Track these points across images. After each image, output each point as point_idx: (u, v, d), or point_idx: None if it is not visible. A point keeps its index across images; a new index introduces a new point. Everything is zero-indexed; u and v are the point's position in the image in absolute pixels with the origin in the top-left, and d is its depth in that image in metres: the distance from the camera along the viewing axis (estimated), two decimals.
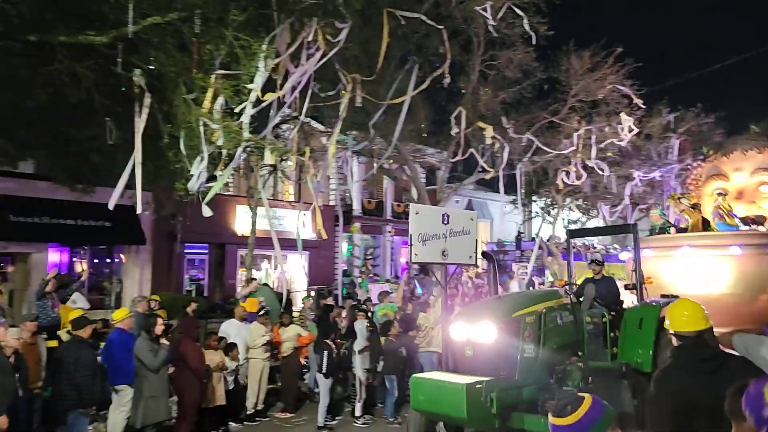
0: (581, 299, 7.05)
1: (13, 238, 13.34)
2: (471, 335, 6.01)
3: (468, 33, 14.41)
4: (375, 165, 13.19)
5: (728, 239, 8.48)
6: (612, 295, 7.62)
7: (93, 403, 6.65)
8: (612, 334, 6.98)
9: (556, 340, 6.29)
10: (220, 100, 9.05)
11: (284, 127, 11.88)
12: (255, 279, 12.39)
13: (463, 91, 14.81)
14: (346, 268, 17.86)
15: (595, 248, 20.93)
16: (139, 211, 9.46)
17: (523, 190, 15.53)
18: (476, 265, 9.14)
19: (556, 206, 19.79)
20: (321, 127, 13.10)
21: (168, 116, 9.51)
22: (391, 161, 15.28)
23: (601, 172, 15.20)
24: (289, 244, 12.90)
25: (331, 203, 17.34)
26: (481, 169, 14.98)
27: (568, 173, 15.05)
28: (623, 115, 14.63)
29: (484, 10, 12.15)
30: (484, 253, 8.95)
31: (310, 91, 9.51)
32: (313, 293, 13.43)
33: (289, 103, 9.48)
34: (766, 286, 8.36)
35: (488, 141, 13.39)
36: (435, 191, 17.16)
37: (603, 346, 6.96)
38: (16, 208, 13.20)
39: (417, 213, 7.15)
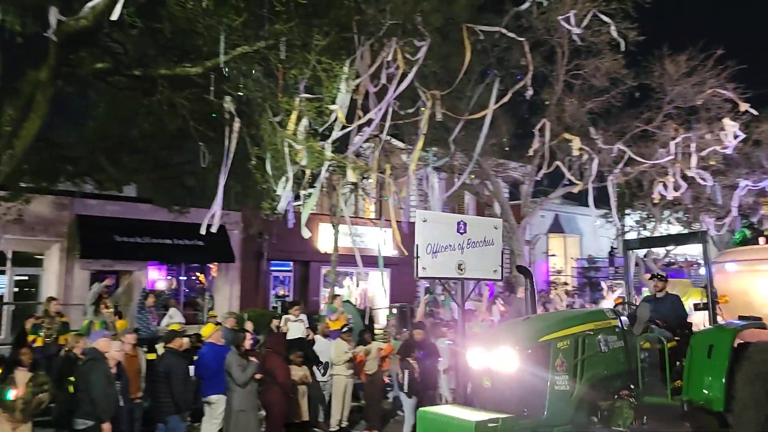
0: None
1: (117, 257, 14.43)
2: (490, 363, 5.22)
3: (551, 43, 14.01)
4: (456, 181, 13.03)
5: None
6: (676, 317, 6.41)
7: (188, 408, 7.03)
8: (674, 364, 5.82)
9: (600, 370, 5.38)
10: (304, 121, 9.36)
11: (365, 145, 12.05)
12: (339, 296, 12.55)
13: (546, 102, 14.38)
14: (428, 285, 17.73)
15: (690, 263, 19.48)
16: (214, 229, 9.86)
17: (615, 203, 14.68)
18: (501, 280, 8.00)
19: (653, 220, 18.63)
20: (401, 145, 13.19)
21: (255, 139, 9.95)
22: (473, 176, 15.05)
23: (703, 182, 14.10)
24: (370, 261, 13.01)
25: (413, 220, 17.31)
26: (568, 182, 14.40)
27: (665, 185, 14.07)
28: (726, 121, 13.53)
29: (567, 20, 11.78)
30: (519, 268, 8.33)
31: (390, 110, 9.59)
32: (395, 311, 13.41)
33: (372, 126, 9.60)
34: None
35: (575, 153, 12.86)
36: (519, 206, 16.71)
37: (661, 379, 5.78)
38: (121, 229, 14.29)
39: (425, 221, 6.45)
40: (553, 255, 24.64)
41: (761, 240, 7.56)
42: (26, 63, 9.48)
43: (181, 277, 16.59)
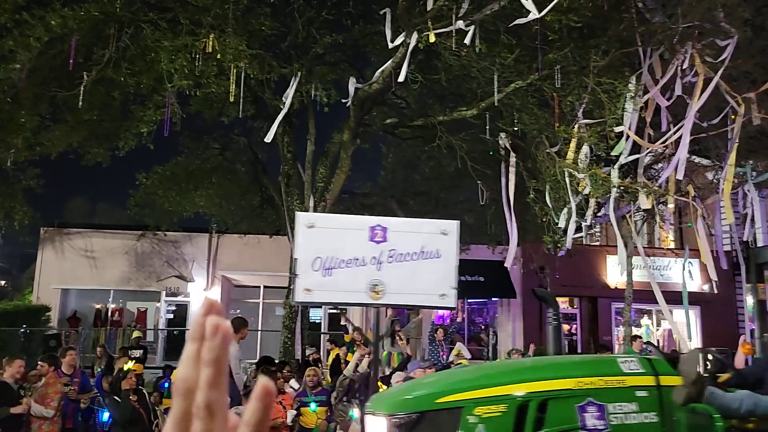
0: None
1: None
2: None
3: None
4: None
5: None
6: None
7: None
8: None
9: None
10: (585, 148, 8.75)
11: (658, 166, 10.69)
12: (639, 337, 11.19)
13: None
14: (754, 327, 14.57)
15: None
16: (508, 264, 9.75)
17: None
18: (452, 309, 5.44)
19: None
20: (705, 161, 11.32)
21: (532, 172, 9.71)
22: None
23: None
24: (673, 298, 11.29)
25: (726, 248, 14.62)
26: None
27: None
28: None
29: None
30: (536, 292, 6.14)
31: (689, 125, 8.30)
32: (710, 356, 11.28)
33: (667, 142, 8.46)
34: None
35: None
36: None
37: None
38: None
39: (311, 226, 4.54)
40: None
41: None
42: (332, 128, 11.23)
43: (466, 313, 17.13)
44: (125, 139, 10.09)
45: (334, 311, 16.43)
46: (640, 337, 11.15)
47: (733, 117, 8.81)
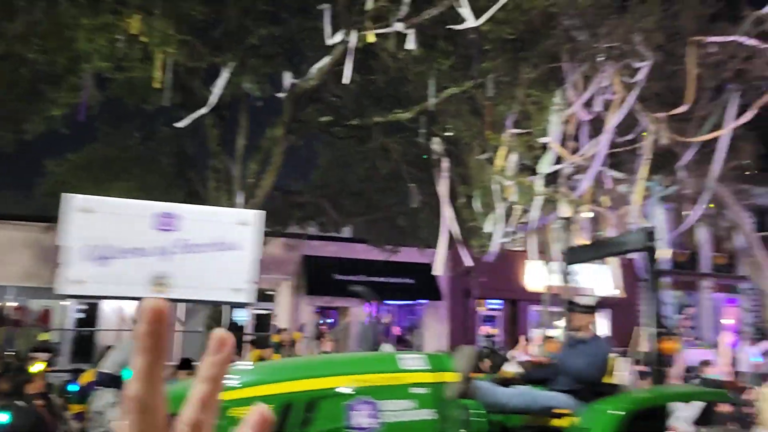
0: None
1: (337, 294, 15.62)
2: None
3: None
4: (691, 213, 11.46)
5: None
6: (586, 374, 3.84)
7: None
8: None
9: None
10: (513, 157, 9.15)
11: (577, 177, 11.33)
12: (552, 338, 11.76)
13: None
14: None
15: None
16: (439, 272, 9.97)
17: None
18: (249, 305, 4.87)
19: None
20: (619, 175, 12.14)
21: (463, 178, 10.01)
22: (713, 205, 13.14)
23: None
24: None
25: (631, 257, 15.74)
26: None
27: None
28: None
29: None
30: (355, 291, 5.99)
31: (607, 139, 8.86)
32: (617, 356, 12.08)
33: (585, 155, 8.98)
34: None
35: None
36: None
37: None
38: (340, 268, 15.48)
39: (88, 211, 3.99)
40: None
41: None
42: (264, 122, 11.01)
43: (393, 314, 17.30)
44: (33, 122, 9.35)
45: (262, 311, 16.11)
46: (554, 338, 11.73)
47: (644, 135, 9.51)
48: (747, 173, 13.67)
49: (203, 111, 8.69)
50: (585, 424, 3.30)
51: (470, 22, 7.32)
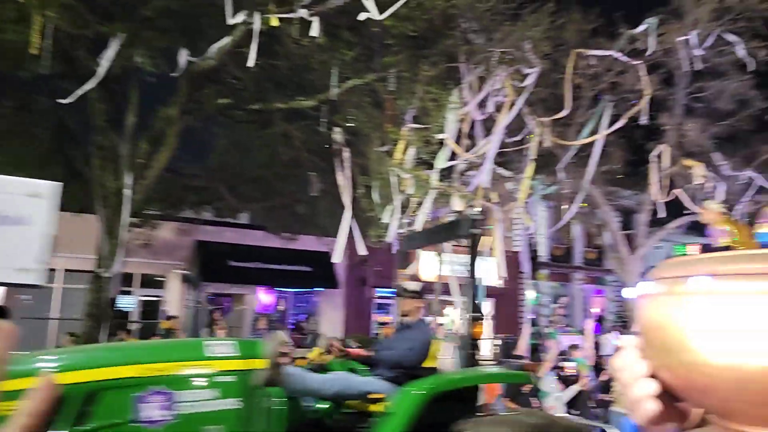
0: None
1: (232, 281, 15.26)
2: None
3: (670, 66, 13.22)
4: (568, 211, 12.52)
5: None
6: (404, 359, 3.90)
7: None
8: None
9: None
10: (411, 151, 9.47)
11: (470, 173, 11.94)
12: (441, 325, 12.37)
13: (665, 127, 13.51)
14: (534, 317, 17.06)
15: None
16: (338, 260, 10.10)
17: None
18: (36, 287, 3.27)
19: None
20: (507, 173, 12.95)
21: (363, 168, 10.20)
22: (586, 205, 14.42)
23: None
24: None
25: (516, 249, 16.89)
26: (689, 212, 13.31)
27: None
28: None
29: (687, 41, 11.08)
30: (186, 277, 6.01)
31: (499, 138, 9.44)
32: (499, 342, 12.97)
33: (478, 153, 9.51)
34: None
35: (698, 180, 11.90)
36: (632, 236, 15.69)
37: None
38: (235, 255, 15.12)
39: None
40: None
41: (691, 249, 4.58)
42: (158, 100, 10.45)
43: (288, 302, 17.22)
44: None
45: (150, 298, 15.32)
46: (443, 326, 12.36)
47: (530, 137, 10.25)
48: (617, 177, 15.17)
49: (91, 85, 8.09)
50: (391, 408, 3.35)
51: (374, 15, 7.46)
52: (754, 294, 0.50)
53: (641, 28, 10.89)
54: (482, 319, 4.52)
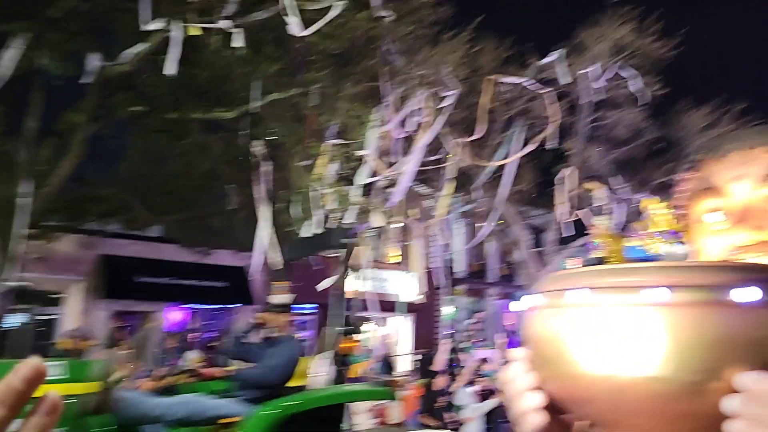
0: None
1: (140, 298, 14.44)
2: None
3: (574, 95, 14.22)
4: (484, 228, 13.02)
5: (643, 275, 1.02)
6: (265, 378, 3.71)
7: None
8: None
9: None
10: (332, 166, 9.51)
11: (391, 190, 12.16)
12: (359, 341, 12.38)
13: (570, 152, 14.49)
14: (452, 332, 17.46)
15: None
16: (255, 273, 9.91)
17: None
18: None
19: None
20: (426, 190, 13.31)
21: (283, 183, 10.10)
22: (502, 221, 15.09)
23: None
24: (392, 307, 12.87)
25: (434, 266, 17.31)
26: (589, 232, 14.29)
27: None
28: None
29: (590, 74, 12.04)
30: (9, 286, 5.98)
31: (419, 157, 9.71)
32: (417, 357, 13.14)
33: (398, 170, 9.71)
34: (717, 366, 0.88)
35: (598, 202, 12.84)
36: (542, 253, 16.59)
37: None
38: (144, 270, 14.35)
39: None
40: None
41: (571, 263, 4.92)
42: (65, 104, 9.81)
43: (201, 319, 16.52)
44: None
45: (46, 317, 14.19)
46: (361, 342, 12.38)
47: (448, 156, 10.62)
48: (528, 197, 16.03)
49: None
50: (243, 429, 3.19)
51: (297, 31, 7.47)
52: (623, 306, 0.54)
53: (549, 59, 11.67)
54: (355, 334, 4.27)
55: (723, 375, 0.51)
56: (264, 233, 9.02)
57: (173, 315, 15.61)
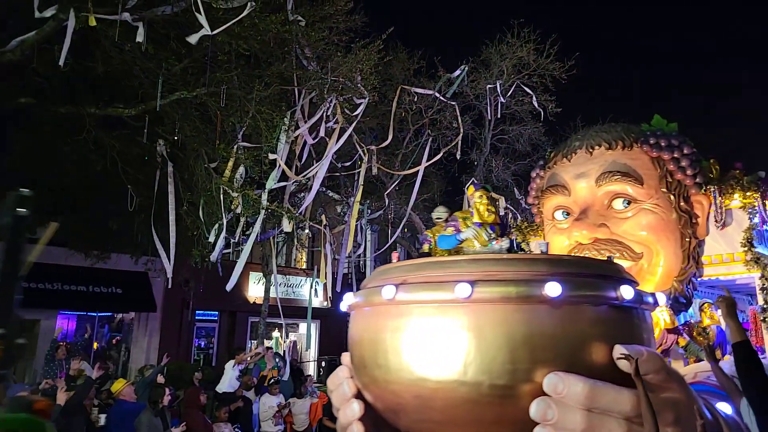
0: None
1: (24, 305, 13.25)
2: None
3: (479, 108, 14.90)
4: (393, 235, 13.26)
5: (451, 269, 1.83)
6: None
7: None
8: None
9: None
10: (241, 169, 9.29)
11: (300, 195, 12.07)
12: (270, 348, 12.16)
13: (475, 162, 15.15)
14: None
15: None
16: (168, 275, 9.45)
17: None
18: None
19: None
20: (336, 196, 13.35)
21: (188, 184, 9.72)
22: (406, 230, 15.42)
23: None
24: (300, 313, 12.76)
25: (344, 272, 17.35)
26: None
27: None
28: None
29: (494, 89, 12.71)
30: None
31: (329, 162, 9.74)
32: (324, 363, 13.13)
33: (309, 176, 9.69)
34: (525, 367, 1.55)
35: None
36: None
37: None
38: (29, 275, 13.21)
39: None
40: None
41: (393, 256, 4.47)
42: None
43: (95, 327, 15.45)
44: None
45: None
46: (271, 348, 12.18)
47: (360, 163, 10.75)
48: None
49: None
50: None
51: (205, 30, 7.27)
52: (428, 304, 0.49)
53: (456, 72, 12.18)
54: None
55: (532, 377, 0.48)
56: (171, 237, 8.66)
57: (63, 323, 14.51)
